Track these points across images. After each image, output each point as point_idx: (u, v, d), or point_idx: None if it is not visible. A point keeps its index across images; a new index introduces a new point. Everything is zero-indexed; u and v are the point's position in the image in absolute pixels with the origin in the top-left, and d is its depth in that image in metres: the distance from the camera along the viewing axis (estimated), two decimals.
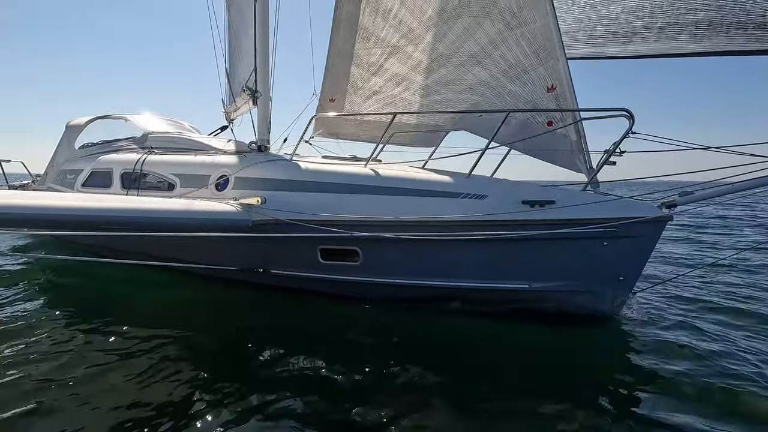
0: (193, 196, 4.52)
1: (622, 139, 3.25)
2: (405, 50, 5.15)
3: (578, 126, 3.61)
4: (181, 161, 4.95)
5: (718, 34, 3.94)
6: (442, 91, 4.84)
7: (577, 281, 3.65)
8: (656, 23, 4.34)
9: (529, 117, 3.90)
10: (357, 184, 3.96)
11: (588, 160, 3.64)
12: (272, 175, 4.32)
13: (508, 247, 3.63)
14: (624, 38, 4.59)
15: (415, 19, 4.99)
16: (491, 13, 4.24)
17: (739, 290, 4.94)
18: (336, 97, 5.79)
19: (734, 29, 3.82)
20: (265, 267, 4.37)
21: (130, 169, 5.07)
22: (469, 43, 4.47)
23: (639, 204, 3.46)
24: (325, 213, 3.88)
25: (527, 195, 3.53)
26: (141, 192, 4.92)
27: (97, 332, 3.43)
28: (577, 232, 3.39)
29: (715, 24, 3.93)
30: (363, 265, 4.04)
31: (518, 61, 4.07)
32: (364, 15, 5.49)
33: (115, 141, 5.92)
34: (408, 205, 3.77)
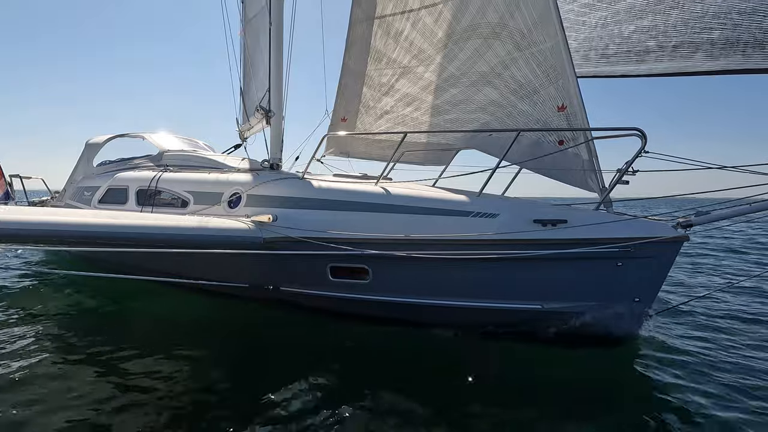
0: (206, 213, 4.58)
1: (635, 158, 3.20)
2: (416, 71, 5.22)
3: (590, 145, 3.57)
4: (194, 179, 5.04)
5: (735, 53, 3.89)
6: (452, 110, 4.86)
7: (591, 302, 3.55)
8: (670, 42, 4.31)
9: (540, 136, 3.88)
10: (367, 203, 3.96)
11: (600, 179, 3.59)
12: (284, 193, 4.36)
13: (520, 266, 3.56)
14: (637, 57, 4.57)
15: (425, 41, 5.07)
16: (501, 35, 4.28)
17: (757, 312, 4.75)
18: (348, 116, 5.87)
19: (751, 48, 3.78)
20: (275, 284, 4.37)
21: (145, 186, 5.18)
22: (480, 64, 4.51)
23: (654, 224, 3.38)
24: (336, 231, 3.88)
25: (539, 214, 3.48)
26: (155, 209, 5.00)
27: (101, 351, 3.46)
28: (590, 252, 3.32)
29: (731, 42, 3.89)
30: (373, 284, 4.01)
31: (528, 81, 4.08)
32: (376, 37, 5.61)
33: (132, 159, 6.08)
34: (418, 224, 3.75)
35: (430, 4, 5.03)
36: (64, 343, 3.63)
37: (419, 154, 5.30)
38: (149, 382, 2.91)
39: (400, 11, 5.35)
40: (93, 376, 3.02)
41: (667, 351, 3.58)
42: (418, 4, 5.14)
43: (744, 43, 3.81)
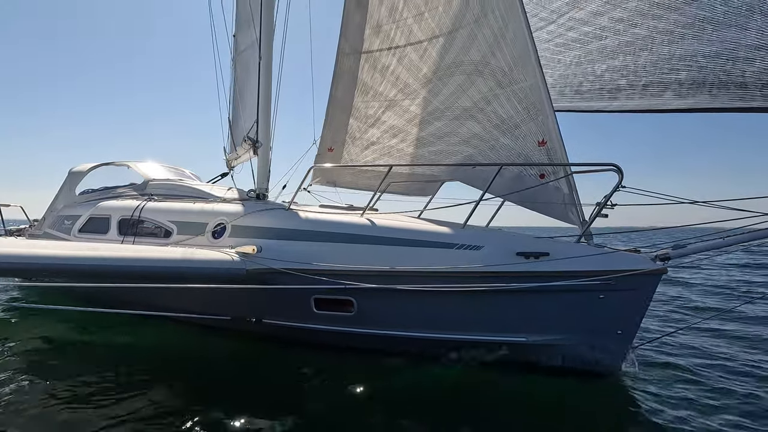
0: (190, 244, 4.53)
1: (612, 192, 3.31)
2: (401, 104, 5.36)
3: (569, 179, 3.69)
4: (179, 208, 5.00)
5: (702, 92, 4.11)
6: (437, 143, 4.99)
7: (574, 335, 3.58)
8: (640, 81, 4.54)
9: (522, 170, 4.00)
10: (353, 234, 3.98)
11: (581, 213, 3.69)
12: (269, 223, 4.36)
13: (504, 299, 3.59)
14: (609, 94, 4.78)
15: (411, 76, 5.25)
16: (483, 72, 4.46)
17: (739, 343, 4.84)
18: (335, 146, 5.96)
19: (716, 88, 3.99)
20: (258, 316, 4.30)
21: (128, 215, 5.11)
22: (463, 99, 4.67)
23: (633, 256, 3.46)
24: (321, 262, 3.87)
25: (522, 246, 3.55)
26: (137, 239, 4.93)
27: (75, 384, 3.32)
28: (572, 285, 3.37)
29: (698, 83, 4.11)
30: (358, 316, 3.98)
31: (510, 117, 4.23)
32: (363, 71, 5.77)
33: (116, 188, 6.02)
34: (404, 256, 3.77)
35: (416, 42, 5.23)
36: (37, 376, 3.48)
37: (405, 185, 5.38)
38: (124, 417, 2.80)
39: (386, 47, 5.54)
40: (68, 410, 2.89)
41: (650, 384, 3.60)
42: (404, 41, 5.34)
43: (710, 84, 4.03)
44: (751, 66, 3.72)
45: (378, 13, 5.62)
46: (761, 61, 3.66)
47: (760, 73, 3.66)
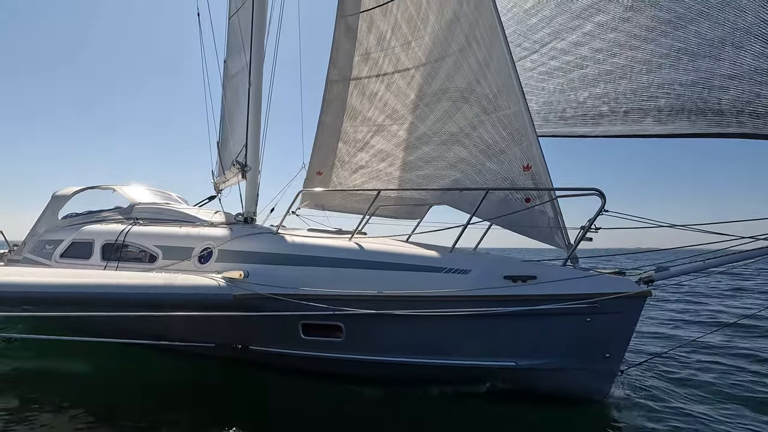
0: (175, 269, 4.45)
1: (596, 217, 3.36)
2: (390, 129, 5.44)
3: (554, 203, 3.74)
4: (165, 233, 4.94)
5: (681, 119, 4.24)
6: (425, 167, 5.04)
7: (563, 359, 3.55)
8: (621, 108, 4.68)
9: (508, 194, 4.05)
10: (341, 258, 3.96)
11: (566, 236, 3.73)
12: (256, 248, 4.32)
13: (493, 323, 3.57)
14: (592, 120, 4.91)
15: (399, 102, 5.35)
16: (469, 99, 4.56)
17: (726, 365, 4.85)
18: (323, 170, 5.99)
19: (695, 115, 4.13)
20: (244, 343, 4.20)
21: (112, 240, 5.03)
22: (450, 125, 4.75)
23: (619, 279, 3.49)
24: (309, 287, 3.83)
25: (509, 270, 3.55)
26: (121, 264, 4.83)
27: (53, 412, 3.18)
28: (560, 309, 3.37)
29: (676, 110, 4.24)
30: (346, 342, 3.92)
31: (495, 142, 4.31)
32: (352, 96, 5.87)
33: (100, 212, 5.94)
34: (392, 280, 3.75)
35: (403, 69, 5.36)
36: (15, 408, 3.33)
37: (394, 209, 5.41)
38: None
39: (375, 74, 5.67)
40: None
41: (639, 409, 3.57)
42: (392, 68, 5.47)
43: (688, 111, 4.16)
44: (726, 94, 3.86)
45: (367, 41, 5.76)
46: (735, 90, 3.80)
47: (735, 100, 3.80)
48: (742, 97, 3.71)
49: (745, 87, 3.69)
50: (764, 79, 3.58)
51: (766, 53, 3.54)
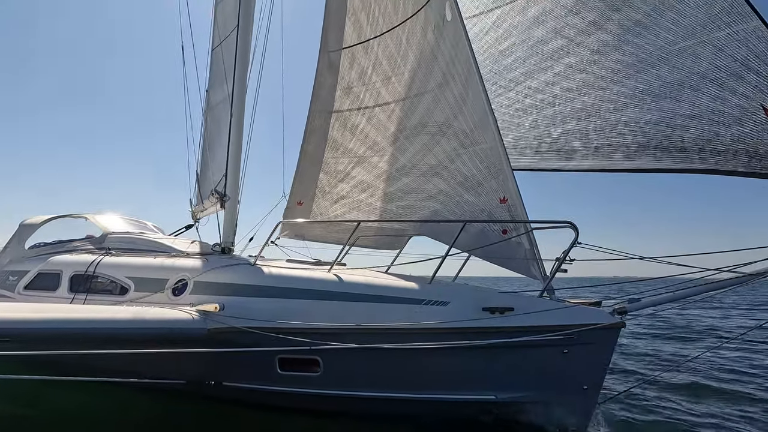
0: (147, 302, 4.30)
1: (570, 248, 3.44)
2: (370, 160, 5.53)
3: (530, 235, 3.82)
4: (137, 264, 4.79)
5: (647, 155, 4.45)
6: (404, 198, 5.11)
7: (543, 391, 3.53)
8: (592, 143, 4.89)
9: (486, 225, 4.12)
10: (319, 290, 3.91)
11: (542, 267, 3.79)
12: (233, 279, 4.23)
13: (473, 356, 3.55)
14: (566, 155, 5.11)
15: (379, 134, 5.46)
16: (447, 133, 4.70)
17: (702, 395, 4.90)
18: (304, 200, 6.00)
19: (660, 152, 4.34)
20: (218, 379, 4.04)
21: (81, 271, 4.84)
22: (429, 157, 4.86)
23: (594, 311, 3.54)
24: (286, 320, 3.74)
25: (487, 301, 3.57)
26: (90, 296, 4.64)
27: None
28: (538, 340, 3.38)
29: (643, 146, 4.46)
30: (324, 376, 3.81)
31: (473, 175, 4.41)
32: (334, 129, 5.97)
33: (71, 241, 5.74)
34: (371, 312, 3.71)
35: (383, 103, 5.51)
36: None
37: (373, 239, 5.41)
38: None
39: (356, 108, 5.80)
40: None
41: None
42: (373, 102, 5.61)
43: (654, 148, 4.38)
44: (687, 132, 4.08)
45: (349, 76, 5.93)
46: (695, 129, 4.03)
47: (696, 138, 4.02)
48: (702, 135, 3.94)
49: (705, 126, 3.91)
50: (721, 119, 3.81)
51: (721, 96, 3.79)
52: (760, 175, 3.57)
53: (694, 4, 3.96)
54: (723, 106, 3.75)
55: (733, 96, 3.75)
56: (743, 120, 3.67)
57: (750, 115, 3.64)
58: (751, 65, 3.65)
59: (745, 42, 3.69)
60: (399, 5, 5.25)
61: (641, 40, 4.32)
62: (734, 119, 3.70)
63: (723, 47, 3.78)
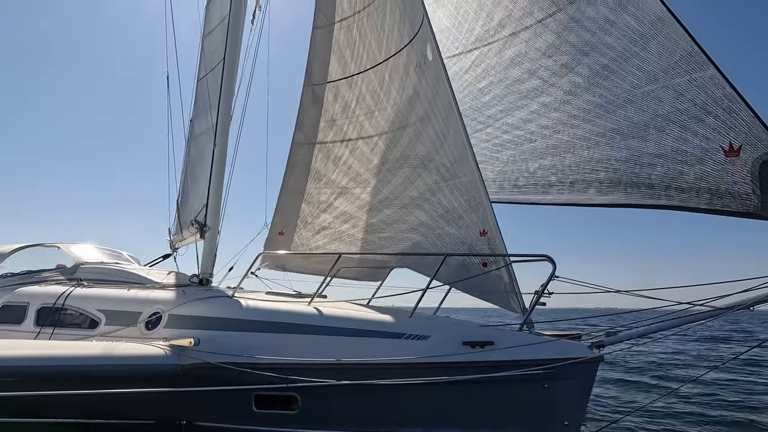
0: (118, 336, 4.13)
1: (548, 282, 3.51)
2: (353, 191, 5.59)
3: (509, 269, 3.89)
4: (110, 296, 4.63)
5: (619, 191, 4.63)
6: (386, 229, 5.15)
7: (525, 427, 3.50)
8: (567, 179, 5.07)
9: (466, 258, 4.17)
10: (298, 324, 3.84)
11: (521, 301, 3.83)
12: (209, 312, 4.12)
13: (454, 391, 3.51)
14: (543, 189, 5.27)
15: (362, 166, 5.55)
16: (428, 166, 4.81)
17: (687, 421, 4.93)
18: (285, 230, 5.98)
19: (630, 188, 4.53)
20: (189, 418, 3.86)
21: (50, 303, 4.64)
22: (410, 189, 4.95)
23: (573, 344, 3.58)
24: (263, 355, 3.65)
25: (467, 336, 3.57)
26: (57, 330, 4.44)
27: None
28: (519, 375, 3.38)
29: (614, 183, 4.65)
30: (302, 414, 3.69)
31: (453, 208, 4.51)
32: (317, 160, 6.05)
33: (41, 272, 5.51)
34: (351, 347, 3.65)
35: (367, 136, 5.63)
36: None
37: (355, 270, 5.39)
38: None
39: (339, 140, 5.91)
40: None
41: None
42: (356, 135, 5.73)
43: (624, 184, 4.57)
44: (654, 170, 4.29)
45: (332, 108, 6.06)
46: (661, 167, 4.24)
47: (662, 176, 4.22)
48: (668, 173, 4.14)
49: (670, 165, 4.13)
50: (685, 159, 4.03)
51: (683, 137, 4.02)
52: (721, 212, 3.75)
53: (656, 52, 4.25)
54: (686, 146, 3.98)
55: (694, 137, 3.98)
56: (705, 160, 3.88)
57: (710, 155, 3.86)
58: (709, 109, 3.90)
59: (704, 88, 3.96)
60: (383, 44, 5.47)
61: (609, 83, 4.58)
62: (696, 159, 3.92)
63: (683, 92, 4.05)
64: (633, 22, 4.36)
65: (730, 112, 3.79)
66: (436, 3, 5.94)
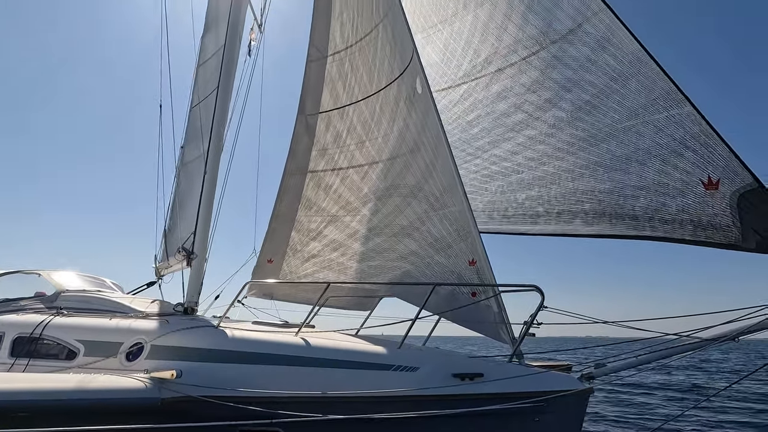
0: (97, 368, 3.99)
1: (537, 312, 3.50)
2: (343, 219, 5.61)
3: (498, 299, 3.89)
4: (90, 325, 4.49)
5: (604, 222, 4.72)
6: (376, 257, 5.15)
7: None
8: (554, 209, 5.16)
9: (456, 288, 4.17)
10: (285, 355, 3.75)
11: (510, 331, 3.82)
12: (194, 343, 4.01)
13: (443, 424, 3.42)
14: (531, 219, 5.35)
15: (352, 195, 5.60)
16: (417, 195, 4.87)
17: None
18: (274, 258, 5.94)
19: (614, 219, 4.62)
20: None
21: (26, 333, 4.48)
22: (400, 218, 4.99)
23: (563, 377, 3.54)
24: (248, 388, 3.54)
25: (457, 367, 3.52)
26: (33, 361, 4.26)
27: None
28: (509, 408, 3.32)
29: (599, 214, 4.74)
30: None
31: (442, 236, 4.54)
32: (308, 188, 6.09)
33: (19, 300, 5.34)
34: (338, 379, 3.57)
35: (357, 165, 5.71)
36: None
37: (344, 299, 5.34)
38: None
39: (330, 168, 5.97)
40: None
41: None
42: (347, 164, 5.81)
43: (609, 215, 4.66)
44: (637, 202, 4.39)
45: (324, 138, 6.17)
46: (644, 199, 4.35)
47: (645, 207, 4.32)
48: (651, 205, 4.25)
49: (653, 197, 4.24)
50: (666, 191, 4.15)
51: (664, 170, 4.15)
52: (706, 243, 3.84)
53: (636, 89, 4.44)
54: (667, 179, 4.10)
55: (675, 170, 4.11)
56: (686, 192, 4.00)
57: (691, 188, 3.98)
58: (688, 144, 4.05)
59: (682, 124, 4.13)
60: (374, 77, 5.64)
61: (591, 117, 4.75)
62: (678, 191, 4.04)
63: (663, 128, 4.21)
64: (613, 61, 4.57)
65: (708, 147, 3.94)
66: (425, 39, 6.18)
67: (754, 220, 3.61)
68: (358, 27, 5.87)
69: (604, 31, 4.64)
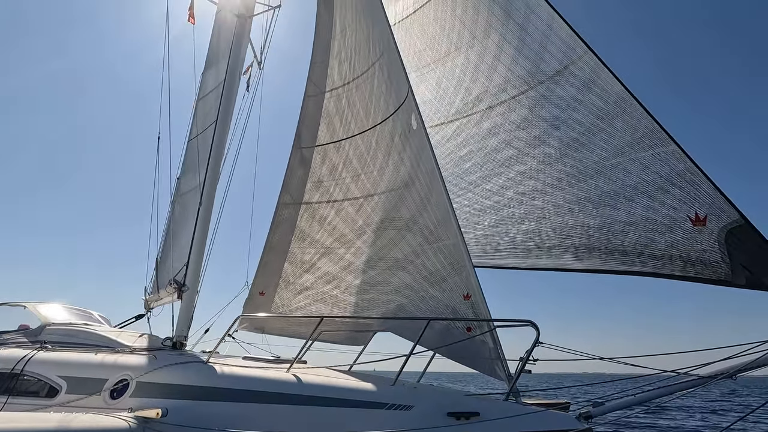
0: (79, 406, 3.83)
1: (533, 348, 3.48)
2: (337, 252, 5.60)
3: (493, 334, 3.86)
4: (74, 360, 4.34)
5: (594, 256, 4.76)
6: (370, 290, 5.11)
7: None
8: (545, 244, 5.21)
9: (450, 323, 4.14)
10: (276, 393, 3.65)
11: (506, 367, 3.77)
12: (181, 380, 3.89)
13: None
14: (522, 253, 5.39)
15: (347, 227, 5.62)
16: (412, 228, 4.91)
17: None
18: (267, 290, 5.87)
19: (604, 254, 4.67)
20: None
21: (7, 368, 4.31)
22: (395, 251, 5.00)
23: (561, 416, 3.48)
24: (235, 428, 3.41)
25: (452, 406, 3.44)
26: (12, 399, 4.09)
27: None
28: None
29: (589, 249, 4.79)
30: None
31: (437, 270, 4.54)
32: (302, 219, 6.11)
33: (2, 333, 5.18)
34: (330, 418, 3.47)
35: (352, 198, 5.77)
36: None
37: (337, 334, 5.26)
38: None
39: (325, 200, 6.02)
40: None
41: None
42: (342, 196, 5.86)
43: (599, 250, 4.71)
44: (626, 237, 4.46)
45: (320, 170, 6.25)
46: (633, 234, 4.42)
47: (635, 243, 4.38)
48: (640, 240, 4.31)
49: (641, 233, 4.31)
50: (655, 227, 4.23)
51: (652, 206, 4.25)
52: (695, 279, 3.89)
53: (621, 128, 4.61)
54: (655, 215, 4.19)
55: (662, 207, 4.21)
56: (674, 228, 4.08)
57: (679, 224, 4.07)
58: (674, 181, 4.17)
59: (667, 162, 4.26)
60: (370, 113, 5.79)
61: (579, 154, 4.89)
62: (666, 227, 4.12)
63: (649, 165, 4.34)
64: (599, 101, 4.77)
65: (693, 185, 4.05)
66: (419, 78, 6.41)
67: (743, 256, 3.68)
68: (355, 65, 6.08)
69: (590, 73, 4.86)
